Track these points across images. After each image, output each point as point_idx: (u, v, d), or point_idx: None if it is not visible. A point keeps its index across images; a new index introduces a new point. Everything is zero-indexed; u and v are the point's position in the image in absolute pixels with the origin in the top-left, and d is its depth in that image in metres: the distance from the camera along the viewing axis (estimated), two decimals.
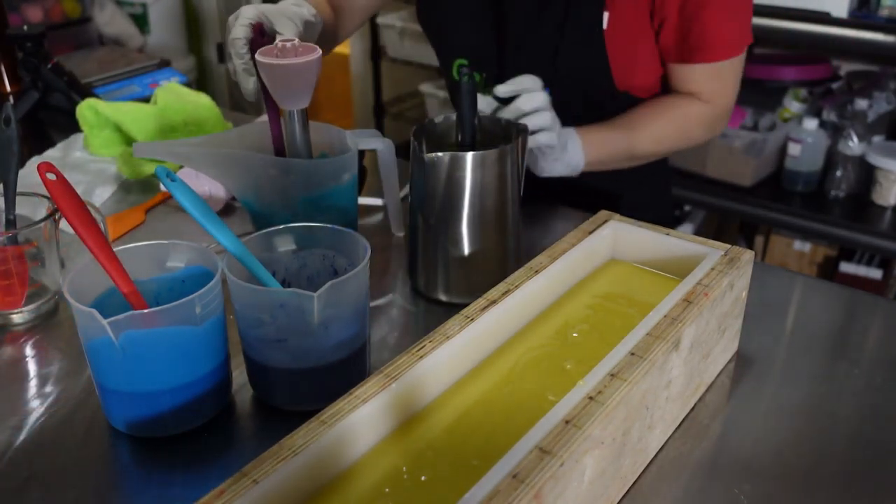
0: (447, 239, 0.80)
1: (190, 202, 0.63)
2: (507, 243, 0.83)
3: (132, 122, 1.11)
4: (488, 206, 0.79)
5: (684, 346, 0.62)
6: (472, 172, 0.77)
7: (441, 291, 0.83)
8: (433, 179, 0.79)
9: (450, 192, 0.78)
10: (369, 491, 0.53)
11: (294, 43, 0.74)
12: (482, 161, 0.77)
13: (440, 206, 0.79)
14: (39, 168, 0.60)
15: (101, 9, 2.48)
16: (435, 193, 0.79)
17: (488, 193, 0.79)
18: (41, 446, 0.65)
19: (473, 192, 0.78)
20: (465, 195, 0.78)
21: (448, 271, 0.82)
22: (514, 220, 0.82)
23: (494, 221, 0.81)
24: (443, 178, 0.78)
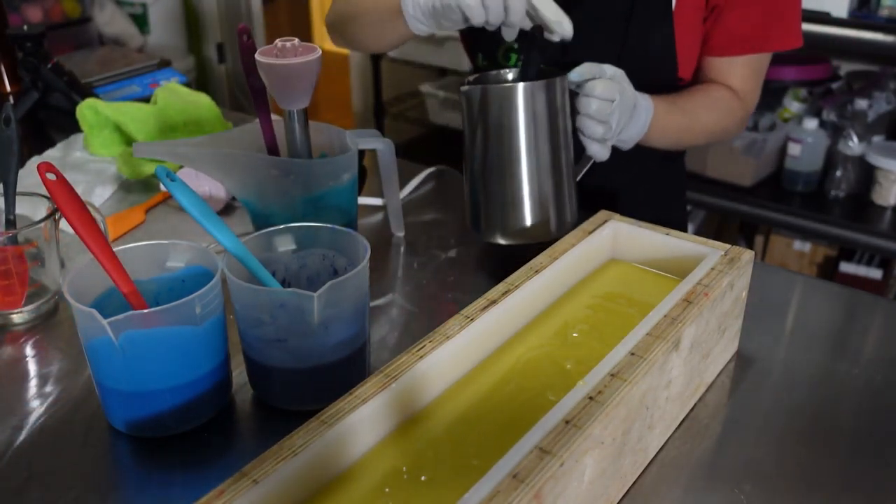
0: (506, 176, 0.80)
1: (190, 202, 0.63)
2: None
3: (132, 122, 1.11)
4: (543, 140, 0.79)
5: (684, 346, 0.62)
6: (525, 103, 0.78)
7: (499, 234, 0.83)
8: (488, 114, 0.79)
9: (504, 125, 0.79)
10: (369, 491, 0.53)
11: (294, 43, 0.74)
12: (533, 92, 0.78)
13: (495, 143, 0.80)
14: (39, 168, 0.60)
15: (101, 9, 2.48)
16: (490, 129, 0.79)
17: (542, 126, 0.79)
18: (41, 446, 0.65)
19: (528, 125, 0.78)
20: (519, 128, 0.79)
21: (506, 211, 0.82)
22: (568, 161, 0.82)
23: (550, 159, 0.81)
24: (496, 111, 0.79)
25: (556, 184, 0.82)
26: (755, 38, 0.99)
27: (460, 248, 0.95)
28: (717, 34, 0.99)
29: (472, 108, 0.81)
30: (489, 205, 0.83)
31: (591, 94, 0.82)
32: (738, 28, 0.98)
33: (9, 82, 1.37)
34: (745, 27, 0.98)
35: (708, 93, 1.01)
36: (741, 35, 0.98)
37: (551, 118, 0.80)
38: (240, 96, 3.20)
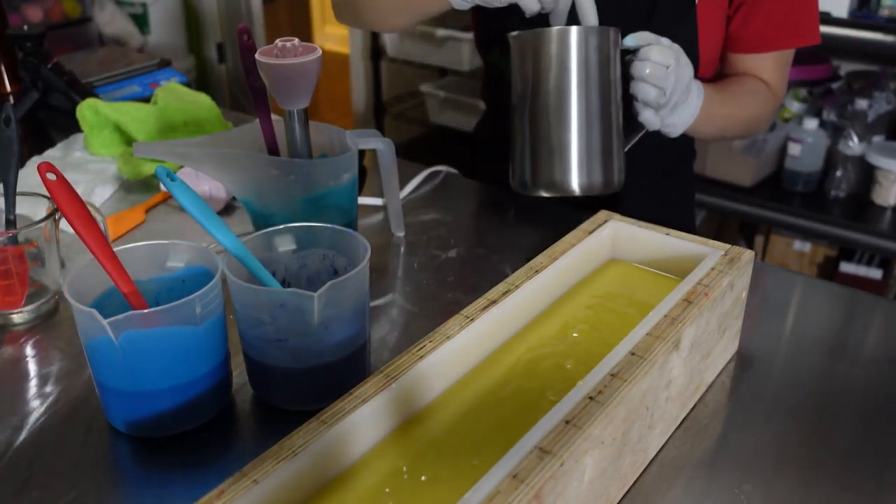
0: (556, 124, 0.79)
1: (190, 202, 0.63)
2: (612, 139, 0.81)
3: (132, 122, 1.11)
4: (594, 89, 0.78)
5: (684, 346, 0.62)
6: (578, 46, 0.77)
7: (545, 186, 0.81)
8: (540, 59, 0.78)
9: (556, 69, 0.78)
10: (369, 491, 0.53)
11: (294, 43, 0.74)
12: (587, 35, 0.77)
13: (546, 88, 0.79)
14: (39, 168, 0.60)
15: (101, 9, 2.48)
16: (541, 74, 0.79)
17: (593, 74, 0.78)
18: (41, 446, 0.65)
19: (580, 70, 0.78)
20: (571, 71, 0.78)
21: (553, 161, 0.80)
22: (617, 120, 0.81)
23: (600, 109, 0.79)
24: (549, 54, 0.78)
25: (606, 138, 0.80)
26: (782, 36, 0.99)
27: (460, 248, 0.95)
28: (746, 33, 0.99)
29: (524, 54, 0.80)
30: (536, 155, 0.81)
31: (646, 58, 0.81)
32: (767, 26, 0.98)
33: (9, 82, 1.37)
34: (773, 25, 0.98)
35: (744, 83, 1.01)
36: (769, 33, 0.99)
37: (602, 66, 0.79)
38: (240, 96, 3.20)
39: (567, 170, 0.80)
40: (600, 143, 0.80)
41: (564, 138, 0.79)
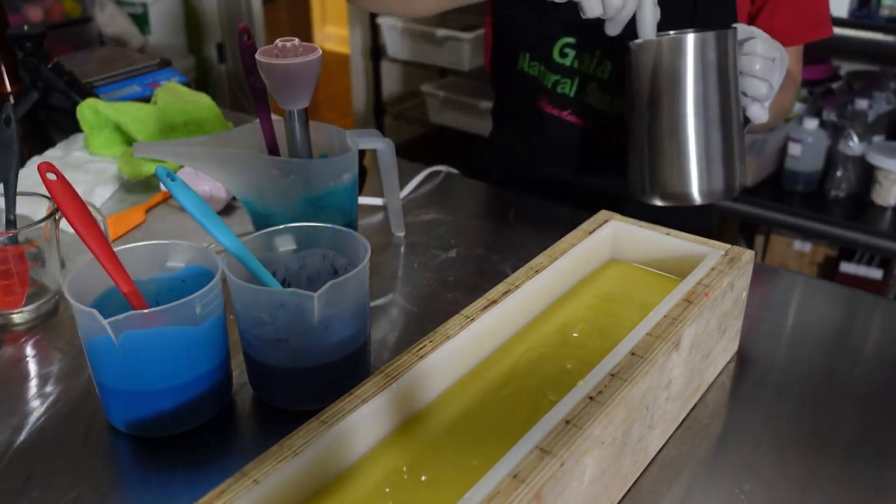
0: (678, 133, 0.79)
1: (190, 202, 0.63)
2: (732, 140, 0.80)
3: (132, 122, 1.11)
4: (712, 94, 0.78)
5: (684, 346, 0.62)
6: (695, 56, 0.77)
7: (665, 196, 0.81)
8: (660, 68, 0.78)
9: (669, 80, 0.78)
10: (369, 491, 0.53)
11: (294, 43, 0.74)
12: (703, 43, 0.77)
13: (660, 97, 0.79)
14: (39, 168, 0.60)
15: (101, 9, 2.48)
16: (655, 83, 0.79)
17: (711, 80, 0.78)
18: (41, 446, 0.65)
19: (697, 79, 0.77)
20: (687, 82, 0.78)
21: (667, 167, 0.80)
22: (737, 117, 0.80)
23: (722, 113, 0.79)
24: (676, 62, 0.77)
25: (727, 142, 0.80)
26: (806, 29, 1.01)
27: (460, 248, 0.95)
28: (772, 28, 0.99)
29: (647, 62, 0.79)
30: (657, 163, 0.81)
31: (753, 53, 0.80)
32: (792, 21, 0.99)
33: (9, 82, 1.37)
34: (798, 19, 1.00)
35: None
36: (795, 28, 1.00)
37: (725, 71, 0.78)
38: (240, 96, 3.21)
39: (688, 179, 0.80)
40: (722, 148, 0.80)
41: (689, 146, 0.79)
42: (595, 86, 1.03)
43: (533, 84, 1.07)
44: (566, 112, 1.06)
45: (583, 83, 1.03)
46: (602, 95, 1.03)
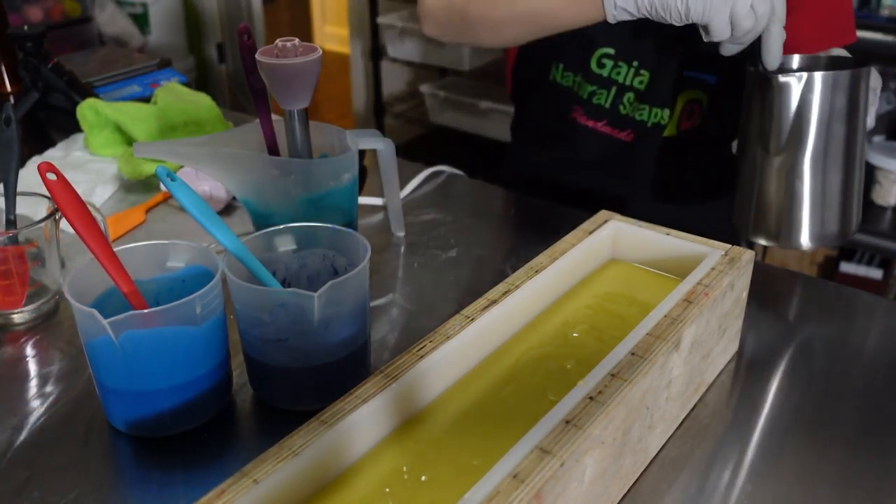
0: (791, 171, 0.75)
1: (190, 202, 0.63)
2: (853, 183, 0.77)
3: (132, 122, 1.11)
4: (838, 137, 0.74)
5: (684, 346, 0.62)
6: (824, 94, 0.73)
7: (771, 236, 0.78)
8: (779, 105, 0.74)
9: (798, 118, 0.74)
10: (369, 491, 0.53)
11: (294, 43, 0.74)
12: (835, 82, 0.73)
13: (783, 137, 0.75)
14: (39, 168, 0.60)
15: (101, 9, 2.48)
16: (780, 121, 0.75)
17: (845, 119, 0.74)
18: (41, 446, 0.65)
19: (822, 120, 0.74)
20: (811, 122, 0.74)
21: (782, 211, 0.77)
22: (861, 157, 0.77)
23: (842, 156, 0.75)
24: (793, 103, 0.74)
25: (848, 185, 0.77)
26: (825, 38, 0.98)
27: (460, 248, 0.95)
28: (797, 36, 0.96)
29: (780, 97, 0.74)
30: (770, 203, 0.77)
31: (877, 87, 0.81)
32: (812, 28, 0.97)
33: (9, 82, 1.37)
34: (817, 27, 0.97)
35: None
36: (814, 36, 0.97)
37: (860, 109, 0.76)
38: (240, 96, 3.21)
39: (801, 224, 0.77)
40: (842, 191, 0.77)
41: (807, 189, 0.76)
42: (632, 96, 1.02)
43: (566, 95, 1.06)
44: (601, 123, 1.04)
45: (619, 93, 1.02)
46: (638, 106, 1.02)
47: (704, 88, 1.03)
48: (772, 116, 0.75)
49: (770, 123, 0.76)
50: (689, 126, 1.05)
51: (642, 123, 1.03)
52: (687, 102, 1.03)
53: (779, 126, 0.75)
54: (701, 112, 1.05)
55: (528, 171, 1.17)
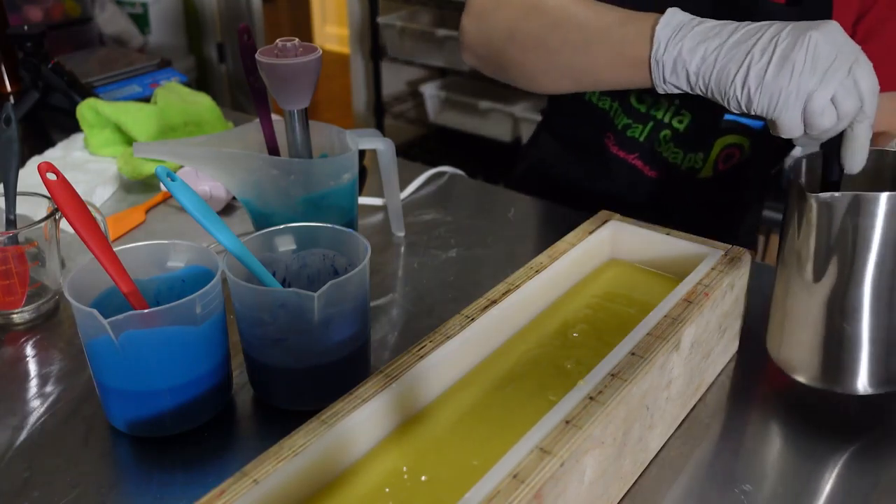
0: (838, 307, 0.62)
1: (190, 202, 0.63)
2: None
3: (132, 122, 1.11)
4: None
5: (685, 346, 0.62)
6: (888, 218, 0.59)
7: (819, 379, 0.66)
8: (825, 227, 0.61)
9: (848, 244, 0.60)
10: (369, 491, 0.53)
11: (294, 43, 0.74)
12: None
13: (828, 264, 0.61)
14: (39, 168, 0.60)
15: (101, 9, 2.48)
16: (824, 245, 0.61)
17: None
18: (41, 446, 0.65)
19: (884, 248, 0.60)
20: (871, 250, 0.60)
21: (831, 349, 0.64)
22: None
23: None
24: (839, 225, 0.60)
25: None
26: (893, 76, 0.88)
27: (460, 248, 0.95)
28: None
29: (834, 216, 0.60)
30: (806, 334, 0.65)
31: None
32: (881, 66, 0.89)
33: (9, 82, 1.37)
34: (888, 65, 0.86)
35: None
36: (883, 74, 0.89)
37: None
38: (240, 96, 3.21)
39: (856, 367, 0.64)
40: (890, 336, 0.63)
41: (861, 330, 0.63)
42: (668, 134, 0.96)
43: (601, 118, 1.00)
44: (633, 156, 0.99)
45: (655, 129, 0.96)
46: (675, 147, 0.96)
47: (748, 133, 0.97)
48: (817, 241, 0.62)
49: (816, 249, 0.62)
50: (727, 167, 1.00)
51: (675, 166, 0.98)
52: (726, 147, 0.97)
53: (825, 253, 0.61)
54: (741, 155, 0.99)
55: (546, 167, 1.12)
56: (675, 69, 0.66)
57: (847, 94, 0.59)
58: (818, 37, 0.59)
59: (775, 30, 0.61)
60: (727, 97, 0.64)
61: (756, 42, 0.62)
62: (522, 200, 1.07)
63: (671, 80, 0.67)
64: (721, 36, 0.64)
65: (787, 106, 0.61)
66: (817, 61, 0.59)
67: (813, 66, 0.59)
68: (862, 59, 0.60)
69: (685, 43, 0.65)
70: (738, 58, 0.62)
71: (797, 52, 0.59)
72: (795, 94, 0.60)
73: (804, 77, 0.59)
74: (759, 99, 0.62)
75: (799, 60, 0.59)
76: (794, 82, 0.60)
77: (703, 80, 0.65)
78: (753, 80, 0.61)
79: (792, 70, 0.59)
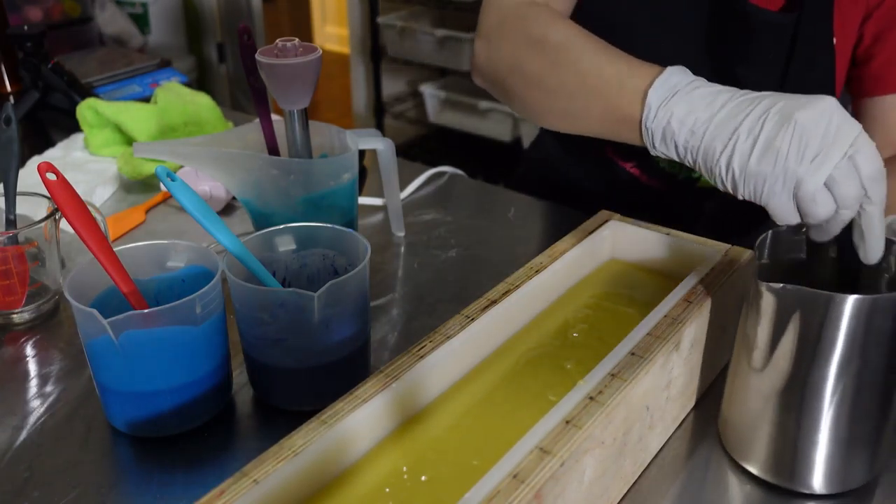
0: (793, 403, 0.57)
1: (190, 202, 0.63)
2: (885, 425, 0.58)
3: (132, 122, 1.11)
4: (868, 371, 0.55)
5: (684, 346, 0.62)
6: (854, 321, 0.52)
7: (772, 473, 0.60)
8: (777, 318, 0.55)
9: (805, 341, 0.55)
10: (369, 491, 0.53)
11: (294, 43, 0.74)
12: (871, 308, 0.52)
13: (791, 362, 0.56)
14: (39, 168, 0.60)
15: (101, 9, 2.48)
16: (776, 337, 0.56)
17: (871, 353, 0.54)
18: (41, 446, 0.65)
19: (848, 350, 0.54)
20: (834, 352, 0.54)
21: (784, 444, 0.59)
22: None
23: (876, 394, 0.56)
24: (793, 319, 0.54)
25: (879, 427, 0.58)
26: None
27: (460, 248, 0.95)
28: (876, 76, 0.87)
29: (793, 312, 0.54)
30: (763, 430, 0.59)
31: None
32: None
33: (9, 82, 1.37)
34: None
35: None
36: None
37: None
38: (240, 96, 3.21)
39: (810, 468, 0.59)
40: (872, 436, 0.58)
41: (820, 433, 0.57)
42: None
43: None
44: (630, 164, 0.98)
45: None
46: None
47: None
48: (771, 331, 0.56)
49: (769, 339, 0.57)
50: None
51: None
52: None
53: (775, 345, 0.56)
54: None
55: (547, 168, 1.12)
56: (664, 138, 0.63)
57: (844, 179, 0.54)
58: (806, 119, 0.54)
59: (765, 106, 0.57)
60: (713, 176, 0.60)
61: (744, 119, 0.57)
62: (522, 200, 1.07)
63: (661, 148, 0.64)
64: (712, 107, 0.59)
65: (774, 193, 0.56)
66: (805, 145, 0.54)
67: (799, 150, 0.54)
68: (862, 139, 0.54)
69: (676, 111, 0.61)
70: (723, 136, 0.58)
71: (781, 136, 0.55)
72: (782, 181, 0.55)
73: (790, 163, 0.54)
74: (745, 185, 0.58)
75: (783, 145, 0.55)
76: (780, 168, 0.55)
77: (691, 154, 0.61)
78: (737, 163, 0.57)
79: (776, 156, 0.55)
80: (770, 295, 0.55)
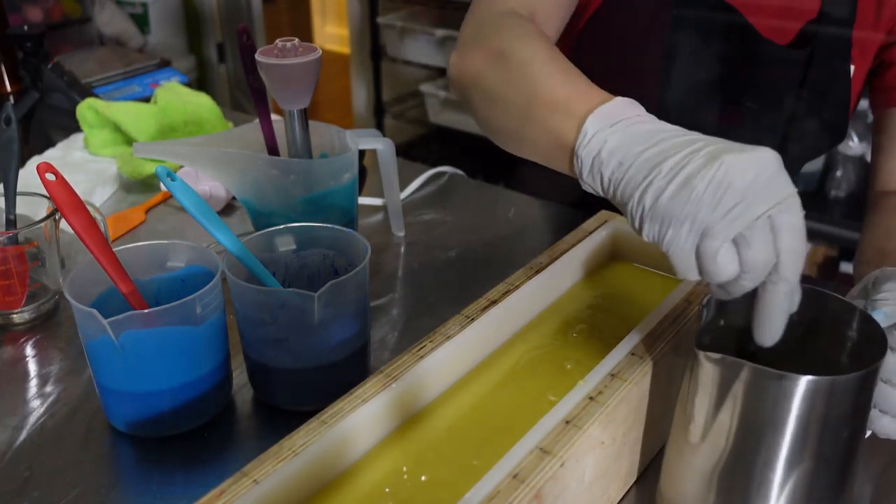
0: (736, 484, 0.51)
1: (190, 202, 0.63)
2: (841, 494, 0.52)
3: (132, 122, 1.11)
4: (822, 460, 0.49)
5: (684, 346, 0.62)
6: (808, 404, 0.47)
7: None
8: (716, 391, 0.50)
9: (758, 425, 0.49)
10: (369, 491, 0.53)
11: (294, 43, 0.74)
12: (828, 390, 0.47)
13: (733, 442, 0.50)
14: (39, 168, 0.60)
15: (101, 9, 2.48)
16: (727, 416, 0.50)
17: (826, 438, 0.49)
18: (41, 446, 0.65)
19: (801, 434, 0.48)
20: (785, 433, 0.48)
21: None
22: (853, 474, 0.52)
23: (832, 483, 0.51)
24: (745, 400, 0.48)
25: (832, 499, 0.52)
26: None
27: (460, 248, 0.95)
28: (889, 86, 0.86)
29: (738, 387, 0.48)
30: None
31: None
32: None
33: (9, 82, 1.37)
34: None
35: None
36: None
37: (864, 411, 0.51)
38: (240, 96, 3.20)
39: None
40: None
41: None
42: None
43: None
44: None
45: None
46: None
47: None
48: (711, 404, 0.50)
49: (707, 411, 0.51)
50: None
51: None
52: None
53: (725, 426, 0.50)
54: None
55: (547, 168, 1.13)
56: (591, 169, 0.55)
57: (756, 242, 0.46)
58: (734, 162, 0.46)
59: (699, 146, 0.49)
60: (627, 213, 0.52)
61: (673, 155, 0.49)
62: (522, 200, 1.07)
63: (588, 180, 0.56)
64: (647, 143, 0.51)
65: (678, 237, 0.48)
66: (724, 191, 0.46)
67: (716, 194, 0.46)
68: (792, 202, 0.47)
69: (610, 141, 0.53)
70: (645, 170, 0.50)
71: (702, 175, 0.47)
72: (689, 226, 0.48)
73: (702, 206, 0.47)
74: (650, 223, 0.50)
75: (701, 185, 0.47)
76: (689, 210, 0.47)
77: (613, 187, 0.53)
78: (650, 198, 0.49)
79: (690, 195, 0.47)
80: (710, 365, 0.49)
